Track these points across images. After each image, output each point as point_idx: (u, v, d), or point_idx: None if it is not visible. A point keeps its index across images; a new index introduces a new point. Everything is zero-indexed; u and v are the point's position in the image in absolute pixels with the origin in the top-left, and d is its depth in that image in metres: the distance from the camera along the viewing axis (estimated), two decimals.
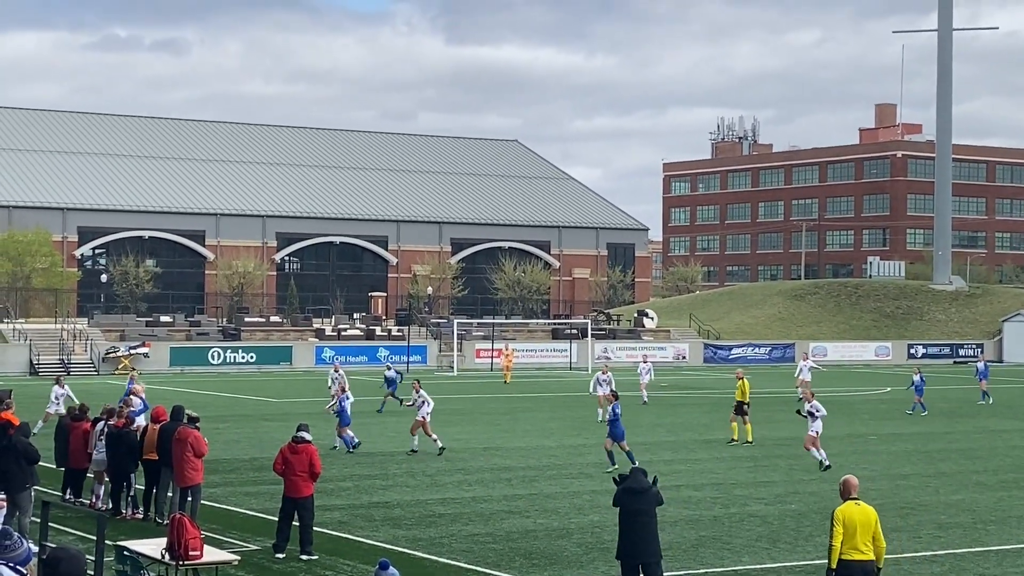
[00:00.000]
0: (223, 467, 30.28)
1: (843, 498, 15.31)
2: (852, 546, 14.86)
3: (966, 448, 36.69)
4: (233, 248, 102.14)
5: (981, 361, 57.84)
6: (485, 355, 78.34)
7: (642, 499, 16.90)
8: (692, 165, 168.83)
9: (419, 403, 33.98)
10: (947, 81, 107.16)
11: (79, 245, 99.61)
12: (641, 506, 16.86)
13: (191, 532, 16.51)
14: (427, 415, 33.63)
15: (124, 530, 21.58)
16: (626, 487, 17.10)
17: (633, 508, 16.88)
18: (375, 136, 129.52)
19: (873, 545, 14.95)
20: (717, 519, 24.21)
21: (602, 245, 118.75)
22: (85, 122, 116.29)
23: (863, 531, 14.91)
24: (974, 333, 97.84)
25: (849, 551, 14.84)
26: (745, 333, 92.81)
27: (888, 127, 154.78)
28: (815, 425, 31.51)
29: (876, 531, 14.98)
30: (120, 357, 70.07)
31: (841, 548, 14.82)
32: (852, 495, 15.26)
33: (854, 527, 14.87)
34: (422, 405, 33.82)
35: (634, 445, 35.75)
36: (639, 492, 16.95)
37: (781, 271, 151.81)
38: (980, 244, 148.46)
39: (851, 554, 14.84)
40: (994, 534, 23.12)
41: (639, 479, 17.15)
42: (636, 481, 17.13)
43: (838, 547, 14.80)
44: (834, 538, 14.85)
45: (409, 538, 22.05)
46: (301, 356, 74.95)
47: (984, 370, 55.22)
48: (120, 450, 23.70)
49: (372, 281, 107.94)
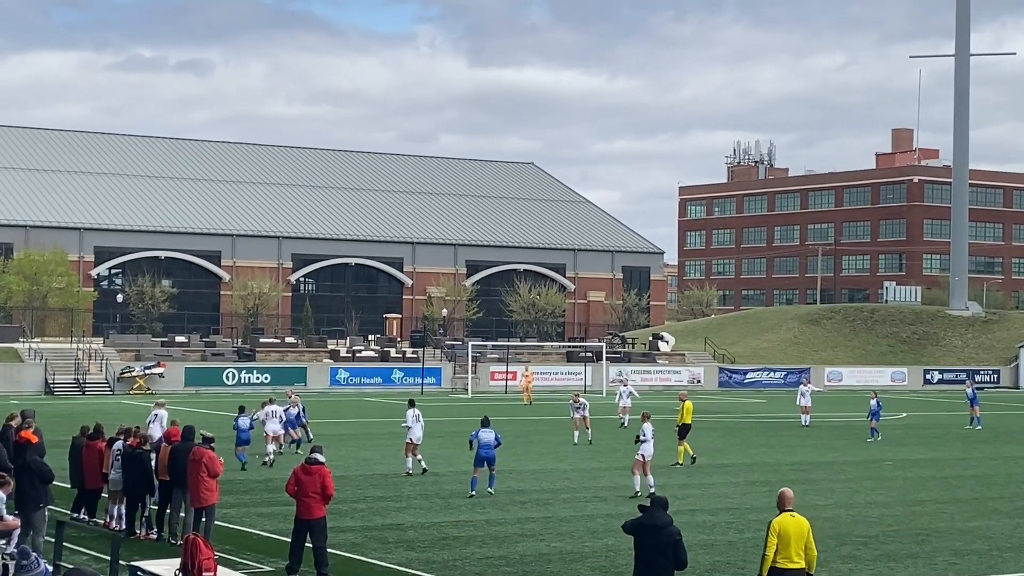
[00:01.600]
0: (237, 488, 30.26)
1: (779, 509, 16.08)
2: (786, 556, 15.67)
3: (982, 474, 36.51)
4: (249, 269, 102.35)
5: (970, 387, 57.54)
6: (499, 377, 78.31)
7: (657, 536, 15.78)
8: (708, 189, 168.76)
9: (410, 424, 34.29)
10: (964, 106, 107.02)
11: (95, 265, 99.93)
12: (654, 543, 15.75)
13: (205, 553, 16.48)
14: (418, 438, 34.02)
15: (138, 550, 21.56)
16: (640, 522, 16.03)
17: (646, 545, 15.83)
18: (391, 158, 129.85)
19: (805, 554, 15.79)
20: (732, 544, 24.11)
21: (617, 268, 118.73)
22: (103, 143, 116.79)
23: (796, 541, 15.75)
24: (990, 359, 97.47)
25: (783, 560, 15.63)
26: (760, 357, 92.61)
27: (905, 152, 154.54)
28: (645, 448, 30.88)
29: (808, 541, 15.82)
30: (135, 377, 70.18)
31: (775, 558, 15.63)
32: (788, 507, 16.06)
33: (788, 538, 15.72)
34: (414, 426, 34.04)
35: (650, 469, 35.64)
36: (653, 529, 15.85)
37: (797, 295, 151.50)
38: (997, 270, 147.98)
39: (784, 563, 15.64)
40: (1010, 561, 22.98)
41: (656, 515, 16.01)
42: (652, 517, 15.97)
43: (771, 557, 15.66)
44: (768, 548, 15.73)
45: (423, 560, 22.00)
46: (316, 377, 74.98)
47: (973, 396, 55.00)
48: (134, 470, 23.71)
49: (387, 303, 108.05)
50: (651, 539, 15.75)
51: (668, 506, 16.27)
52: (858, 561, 22.53)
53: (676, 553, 15.73)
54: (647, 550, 15.77)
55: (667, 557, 15.67)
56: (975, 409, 54.44)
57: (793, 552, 15.75)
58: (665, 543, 15.69)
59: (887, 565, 22.22)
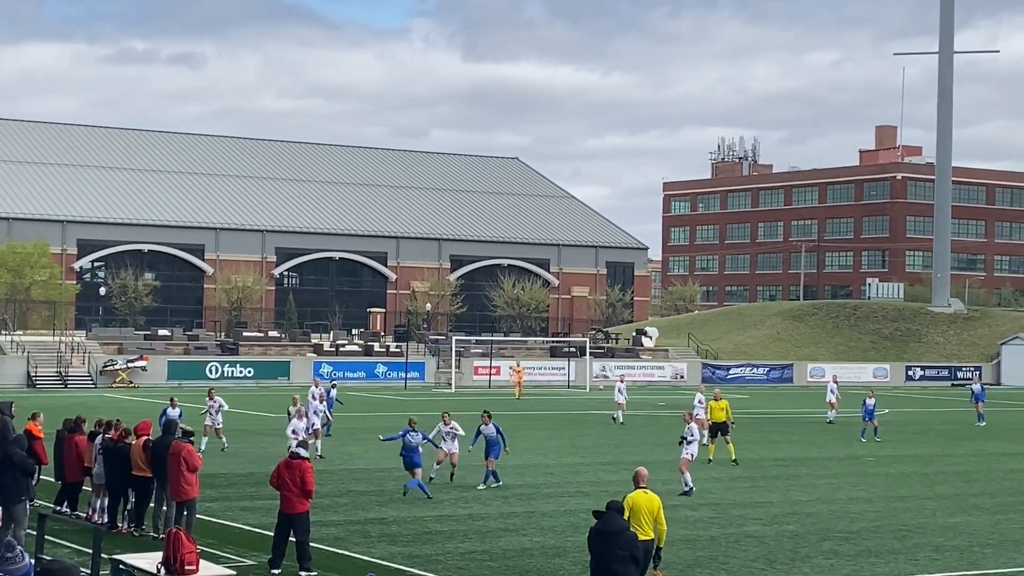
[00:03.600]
0: (220, 482, 30.23)
1: (635, 486, 17.66)
2: (636, 527, 17.07)
3: (964, 471, 36.64)
4: (232, 262, 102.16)
5: (977, 384, 57.95)
6: (483, 372, 78.32)
7: (614, 542, 15.40)
8: (692, 185, 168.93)
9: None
10: (947, 103, 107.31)
11: (78, 258, 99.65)
12: (610, 549, 15.36)
13: (187, 547, 16.48)
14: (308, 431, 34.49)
15: (120, 544, 21.53)
16: (596, 528, 15.61)
17: (602, 552, 15.43)
18: (376, 152, 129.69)
19: (655, 527, 17.54)
20: (714, 539, 24.16)
21: (601, 264, 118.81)
22: (88, 136, 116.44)
23: (646, 515, 17.41)
24: (972, 356, 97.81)
25: (635, 531, 16.82)
26: (743, 353, 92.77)
27: (888, 149, 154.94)
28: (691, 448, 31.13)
29: (659, 516, 17.52)
30: (118, 370, 70.02)
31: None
32: (641, 484, 17.64)
33: (638, 511, 17.30)
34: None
35: (632, 465, 35.68)
36: (609, 535, 15.46)
37: (780, 292, 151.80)
38: (979, 267, 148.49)
39: (636, 533, 16.83)
40: (991, 557, 23.08)
41: (611, 520, 15.64)
42: (607, 523, 15.61)
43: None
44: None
45: (405, 555, 22.01)
46: (299, 371, 74.85)
47: (980, 392, 55.36)
48: (116, 463, 23.65)
49: (371, 297, 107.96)
50: (607, 545, 15.47)
51: (623, 511, 16.15)
52: (840, 556, 22.60)
53: (634, 557, 15.52)
54: (603, 557, 15.49)
55: (624, 564, 15.38)
56: (980, 405, 54.62)
57: (644, 524, 17.28)
58: (622, 550, 15.42)
59: (868, 561, 22.30)
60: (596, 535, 15.62)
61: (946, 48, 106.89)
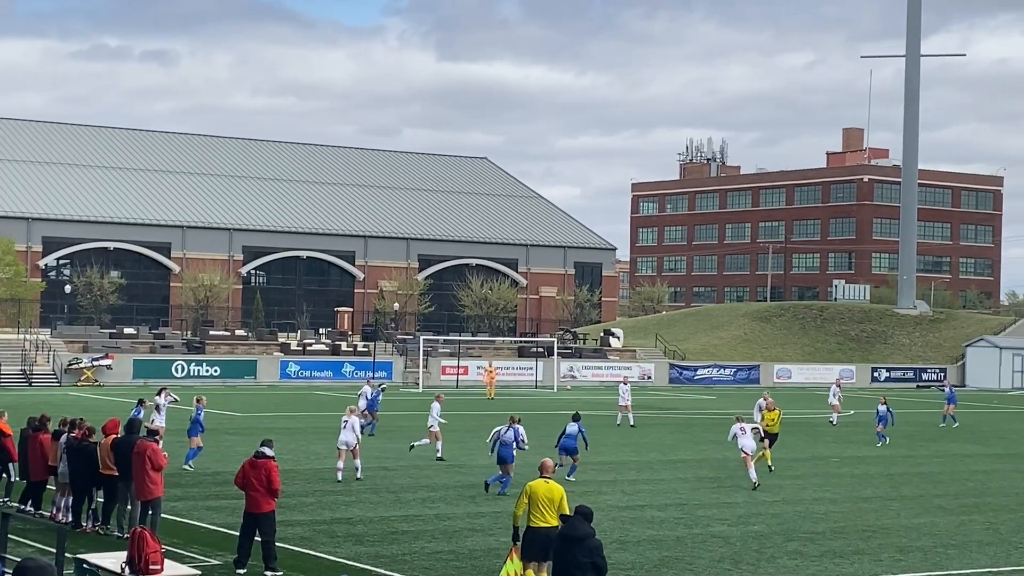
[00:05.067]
0: (185, 481, 30.10)
1: (539, 474, 18.17)
2: (537, 515, 17.68)
3: (928, 472, 36.87)
4: (199, 261, 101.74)
5: (947, 385, 58.82)
6: (451, 372, 78.28)
7: (577, 549, 15.28)
8: (660, 186, 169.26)
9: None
10: (914, 106, 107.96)
11: (44, 255, 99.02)
12: (573, 556, 15.27)
13: (152, 546, 16.39)
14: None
15: (84, 543, 21.41)
16: (560, 533, 15.59)
17: (566, 558, 15.33)
18: (345, 151, 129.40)
19: (558, 516, 17.53)
20: (680, 539, 24.23)
21: (569, 264, 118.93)
22: (54, 132, 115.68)
23: (546, 503, 17.75)
24: (937, 357, 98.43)
25: (535, 520, 17.64)
26: (711, 354, 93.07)
27: (855, 151, 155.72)
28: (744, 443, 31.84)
29: (561, 505, 17.73)
30: (83, 368, 69.62)
31: (531, 517, 17.65)
32: (544, 474, 18.16)
33: (537, 499, 17.77)
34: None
35: (599, 465, 35.82)
36: (573, 541, 15.34)
37: (747, 293, 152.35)
38: (944, 269, 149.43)
39: (536, 521, 17.64)
40: (955, 558, 23.23)
41: (577, 525, 15.55)
42: (572, 528, 15.53)
43: (519, 515, 17.80)
44: (518, 507, 17.93)
45: (371, 555, 21.97)
46: (266, 370, 74.64)
47: (951, 394, 56.16)
48: (80, 462, 23.52)
49: (339, 296, 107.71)
50: (570, 551, 15.35)
51: (592, 517, 15.81)
52: (804, 557, 22.70)
53: (596, 565, 15.32)
54: (566, 564, 15.38)
55: (584, 570, 15.21)
56: (950, 407, 55.19)
57: (544, 512, 17.69)
58: (584, 556, 15.26)
59: (833, 561, 22.40)
60: (559, 539, 15.65)
61: (913, 51, 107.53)
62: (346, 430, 31.77)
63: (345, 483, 30.87)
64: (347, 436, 31.71)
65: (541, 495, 17.76)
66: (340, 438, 31.77)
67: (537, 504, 17.70)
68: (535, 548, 17.42)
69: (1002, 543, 24.84)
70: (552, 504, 17.68)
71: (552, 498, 17.74)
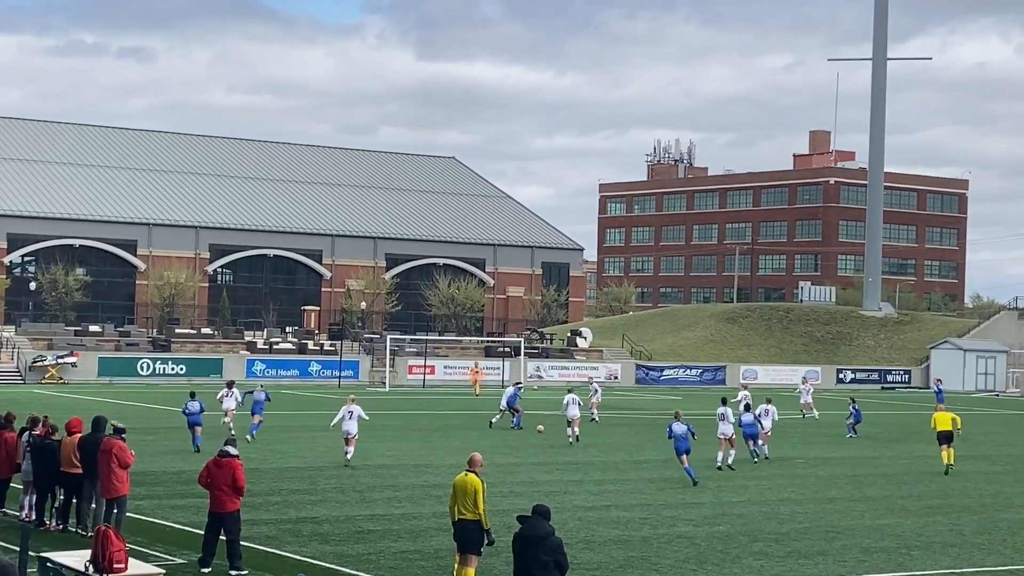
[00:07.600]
0: (150, 479, 29.97)
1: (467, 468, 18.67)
2: (457, 508, 18.45)
3: (892, 473, 37.08)
4: (165, 258, 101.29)
5: (937, 384, 61.69)
6: (417, 371, 78.26)
7: (538, 548, 14.96)
8: (628, 187, 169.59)
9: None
10: (880, 109, 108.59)
11: (8, 252, 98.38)
12: (533, 555, 14.94)
13: (116, 545, 16.32)
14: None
15: (48, 541, 21.29)
16: (519, 534, 15.17)
17: (525, 558, 15.00)
18: (313, 149, 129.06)
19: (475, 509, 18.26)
20: (646, 540, 24.28)
21: (537, 264, 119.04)
22: (21, 129, 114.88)
23: (462, 496, 18.32)
24: (902, 359, 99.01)
25: (458, 512, 18.44)
26: (677, 355, 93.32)
27: (822, 154, 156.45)
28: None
29: (476, 498, 18.22)
30: (47, 366, 69.22)
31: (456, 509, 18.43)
32: (472, 468, 18.61)
33: (455, 492, 18.44)
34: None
35: (564, 465, 35.89)
36: (533, 540, 15.02)
37: (714, 294, 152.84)
38: (910, 272, 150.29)
39: (459, 514, 18.44)
40: (918, 559, 23.37)
41: (536, 525, 15.17)
42: (532, 527, 15.17)
43: (451, 507, 18.63)
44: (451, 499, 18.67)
45: (337, 554, 21.93)
46: (232, 369, 74.36)
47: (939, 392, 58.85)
48: (43, 460, 23.38)
49: (305, 295, 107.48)
50: (531, 551, 15.02)
51: (550, 515, 15.40)
52: (769, 558, 22.79)
53: (559, 563, 15.01)
54: (525, 561, 15.04)
55: (547, 569, 14.88)
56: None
57: (461, 505, 18.35)
58: (546, 555, 14.94)
59: (797, 562, 22.50)
60: (518, 539, 15.20)
61: (880, 54, 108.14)
62: (351, 420, 34.02)
63: (310, 481, 30.80)
64: (349, 426, 33.97)
65: (459, 489, 18.45)
66: (344, 427, 34.03)
67: (458, 497, 18.44)
68: (460, 540, 18.56)
69: (965, 544, 25.01)
70: (468, 496, 18.30)
71: (467, 490, 18.33)
